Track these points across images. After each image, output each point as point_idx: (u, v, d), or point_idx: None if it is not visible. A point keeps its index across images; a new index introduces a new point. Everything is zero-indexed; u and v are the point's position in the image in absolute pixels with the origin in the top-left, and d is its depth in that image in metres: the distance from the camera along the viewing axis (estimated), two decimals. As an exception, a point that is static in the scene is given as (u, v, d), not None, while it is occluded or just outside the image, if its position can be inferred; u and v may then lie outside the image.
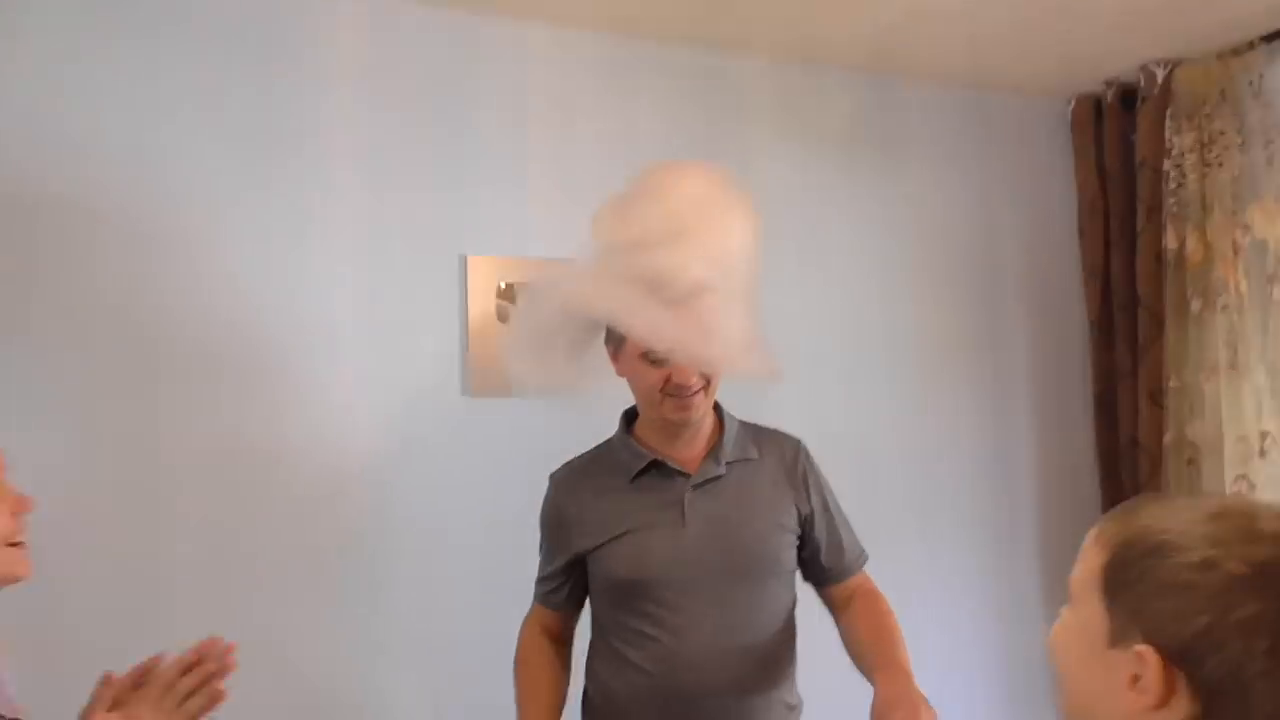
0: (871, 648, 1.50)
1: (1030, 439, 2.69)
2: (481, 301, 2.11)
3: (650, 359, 1.49)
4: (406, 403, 2.05)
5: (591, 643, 1.61)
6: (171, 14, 1.91)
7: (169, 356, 1.87)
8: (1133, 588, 0.76)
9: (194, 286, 1.90)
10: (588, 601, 1.63)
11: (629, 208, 1.52)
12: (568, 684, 1.62)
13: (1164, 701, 0.73)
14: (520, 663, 1.61)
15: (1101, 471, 2.70)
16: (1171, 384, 2.45)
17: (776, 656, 1.55)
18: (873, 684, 1.41)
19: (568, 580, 1.60)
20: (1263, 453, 2.27)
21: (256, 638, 1.82)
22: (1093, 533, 0.84)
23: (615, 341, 1.55)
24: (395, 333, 2.05)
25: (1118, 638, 0.77)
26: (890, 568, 2.40)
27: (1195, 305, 2.40)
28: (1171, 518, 0.77)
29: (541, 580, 1.64)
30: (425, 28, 2.12)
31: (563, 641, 1.64)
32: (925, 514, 2.53)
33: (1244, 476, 2.29)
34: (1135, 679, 0.74)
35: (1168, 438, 2.46)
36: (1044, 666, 2.61)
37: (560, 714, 1.57)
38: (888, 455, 2.49)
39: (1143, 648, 0.74)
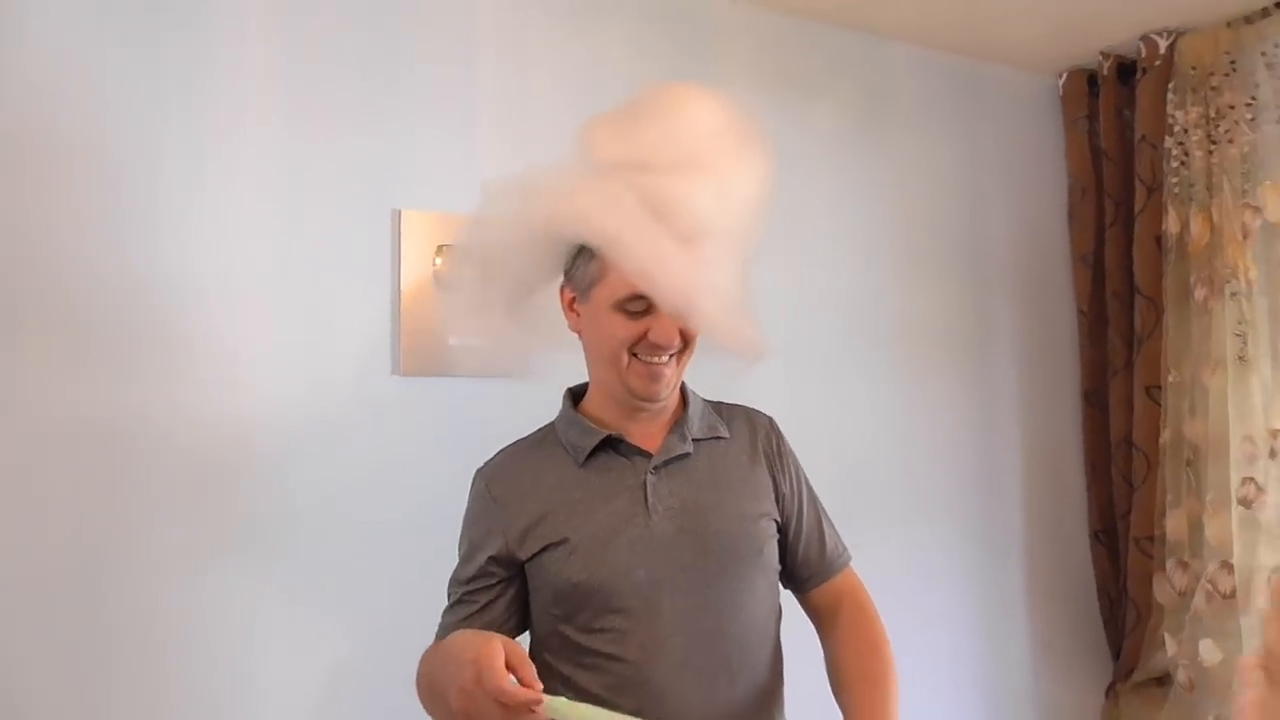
0: (854, 693, 1.28)
1: (1016, 433, 2.50)
2: (417, 264, 1.82)
3: (628, 308, 1.22)
4: (324, 378, 1.74)
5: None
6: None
7: (34, 311, 1.53)
8: None
9: (72, 235, 1.56)
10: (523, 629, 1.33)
11: (632, 124, 1.26)
12: None
13: None
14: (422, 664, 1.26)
15: (1089, 470, 2.51)
16: (1170, 378, 2.28)
17: (763, 669, 1.29)
18: None
19: (499, 597, 1.28)
20: (1273, 453, 2.10)
21: (127, 630, 1.54)
22: None
23: (582, 283, 1.26)
24: (314, 297, 1.74)
25: None
26: (871, 561, 2.18)
27: (1199, 293, 2.22)
28: None
29: (460, 602, 1.29)
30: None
31: None
32: (906, 508, 2.32)
33: (1251, 479, 2.12)
34: None
35: (1164, 436, 2.28)
36: (1026, 664, 2.46)
37: None
38: (868, 445, 2.27)
39: None
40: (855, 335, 2.27)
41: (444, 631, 1.28)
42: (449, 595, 1.31)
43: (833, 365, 2.24)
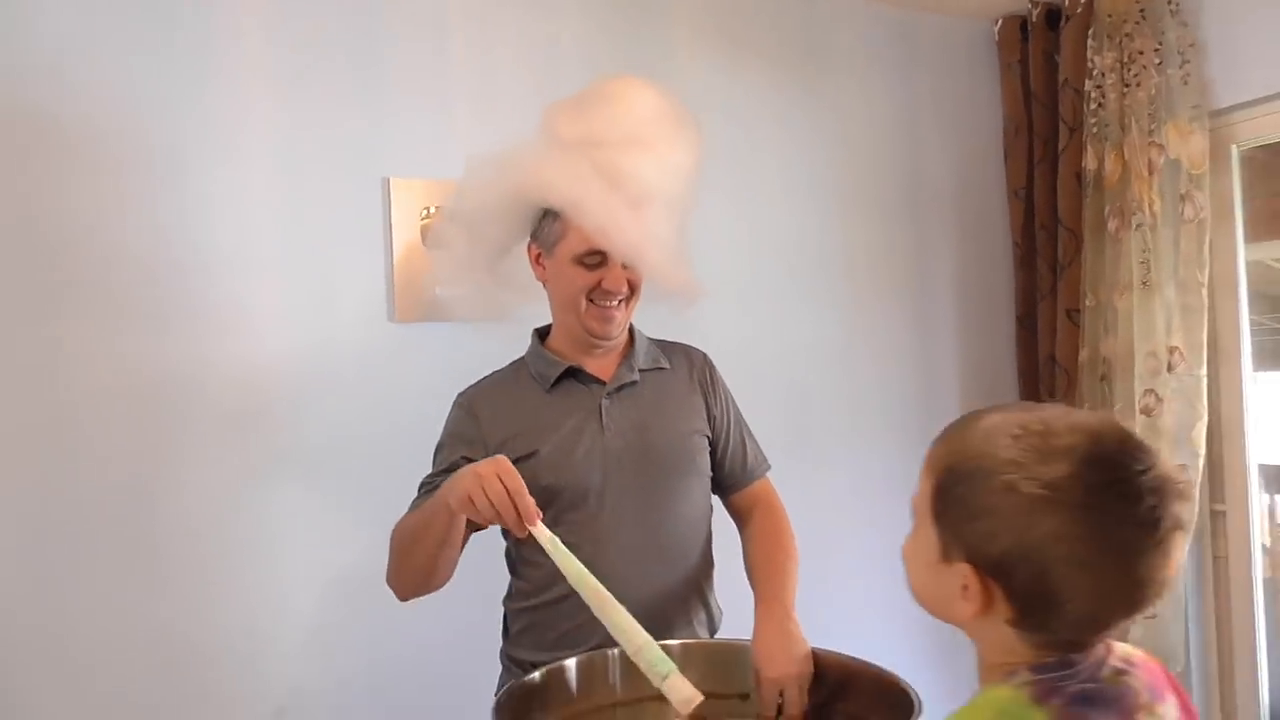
0: (759, 574, 1.55)
1: (954, 355, 2.77)
2: (406, 225, 2.08)
3: (585, 261, 1.49)
4: (331, 329, 2.03)
5: (509, 561, 1.61)
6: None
7: (73, 283, 1.82)
8: (952, 512, 0.85)
9: (98, 210, 1.84)
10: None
11: (589, 107, 1.51)
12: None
13: (986, 609, 0.84)
14: (392, 538, 1.47)
15: (1021, 386, 2.78)
16: (1087, 302, 2.52)
17: (695, 556, 1.58)
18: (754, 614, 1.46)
19: None
20: (1170, 367, 2.36)
21: (175, 549, 1.86)
22: (926, 454, 0.90)
23: (546, 241, 1.53)
24: (317, 258, 2.01)
25: (946, 554, 0.86)
26: (818, 473, 2.48)
27: (1112, 225, 2.45)
28: (983, 441, 0.84)
29: (435, 488, 1.42)
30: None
31: None
32: (850, 425, 2.60)
33: (1152, 390, 2.38)
34: (964, 588, 0.84)
35: (1082, 355, 2.54)
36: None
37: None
38: (816, 371, 2.54)
39: (963, 565, 0.84)
40: (801, 271, 2.53)
41: (410, 509, 1.49)
42: (420, 489, 1.52)
43: (780, 299, 2.50)
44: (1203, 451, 2.37)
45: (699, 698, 1.20)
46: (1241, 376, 2.48)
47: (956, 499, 0.84)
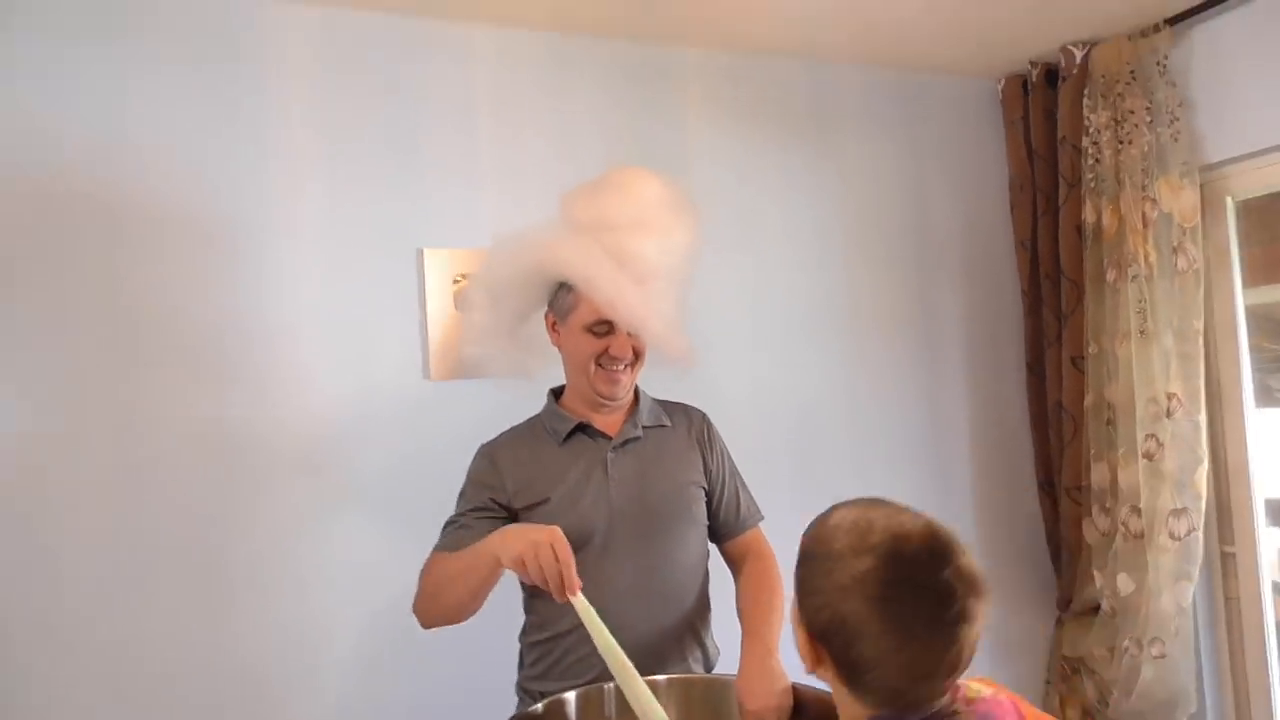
0: (746, 615, 1.68)
1: (964, 401, 2.87)
2: (439, 291, 2.29)
3: (594, 330, 1.68)
4: (372, 387, 2.23)
5: (525, 598, 1.77)
6: (138, 27, 2.06)
7: (148, 350, 2.04)
8: (799, 586, 1.04)
9: (169, 285, 2.06)
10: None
11: (600, 195, 1.71)
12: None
13: (816, 666, 1.03)
14: (439, 562, 1.61)
15: (1033, 431, 2.88)
16: (1091, 349, 2.62)
17: (691, 599, 1.73)
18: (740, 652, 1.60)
19: (492, 527, 1.67)
20: (1169, 413, 2.44)
21: (240, 576, 2.06)
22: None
23: (560, 310, 1.72)
24: (360, 323, 2.22)
25: (798, 619, 1.04)
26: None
27: (1110, 275, 2.56)
28: (826, 532, 1.03)
29: (460, 527, 1.65)
30: (374, 34, 2.27)
31: None
32: (864, 475, 2.71)
33: (1153, 435, 2.46)
34: (804, 648, 1.04)
35: (1088, 400, 2.63)
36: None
37: None
38: (824, 417, 2.67)
39: (801, 629, 1.03)
40: (810, 322, 2.67)
41: (442, 544, 1.65)
42: (444, 530, 1.68)
43: (790, 349, 2.64)
44: (1204, 494, 2.44)
45: None
46: (1244, 419, 2.55)
47: (802, 576, 1.04)
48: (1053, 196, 2.74)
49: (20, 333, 1.94)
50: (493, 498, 1.69)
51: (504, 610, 1.71)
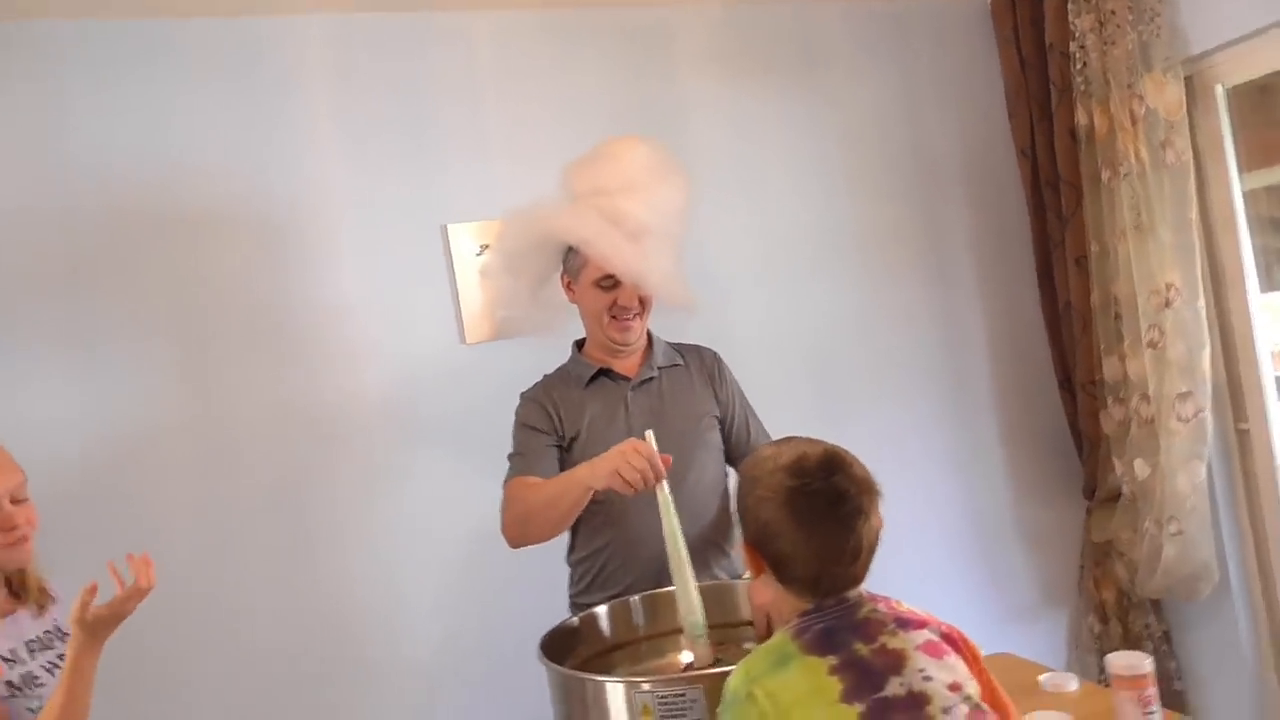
0: None
1: (978, 310, 2.99)
2: (465, 263, 2.50)
3: (602, 285, 1.89)
4: (415, 355, 2.47)
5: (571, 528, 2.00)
6: (177, 53, 2.30)
7: (216, 341, 2.32)
8: (737, 507, 1.29)
9: (228, 281, 2.33)
10: None
11: (594, 164, 1.93)
12: None
13: (759, 571, 1.26)
14: (526, 489, 1.84)
15: (1048, 332, 2.98)
16: (1093, 249, 2.71)
17: (710, 515, 1.94)
18: None
19: (555, 454, 1.92)
20: (1168, 303, 2.53)
21: (320, 534, 2.34)
22: None
23: (572, 271, 1.93)
24: (397, 298, 2.45)
25: (742, 536, 1.29)
26: (849, 430, 2.76)
27: (1105, 175, 2.63)
28: (752, 464, 1.28)
29: (529, 454, 1.89)
30: (384, 33, 2.47)
31: None
32: (878, 382, 2.86)
33: (1156, 325, 2.56)
34: (748, 557, 1.28)
35: (1094, 297, 2.73)
36: (1004, 506, 2.98)
37: None
38: (839, 342, 2.82)
39: (743, 544, 1.28)
40: (819, 255, 2.81)
41: (518, 470, 1.89)
42: (513, 460, 1.92)
43: (801, 280, 2.79)
44: (1209, 377, 2.54)
45: (713, 660, 1.58)
46: (1248, 301, 2.63)
47: (738, 501, 1.28)
48: (1046, 104, 2.81)
49: (103, 336, 2.23)
50: (549, 428, 1.93)
51: (559, 540, 1.96)
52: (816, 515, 1.18)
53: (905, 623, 1.17)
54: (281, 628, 2.32)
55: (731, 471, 2.03)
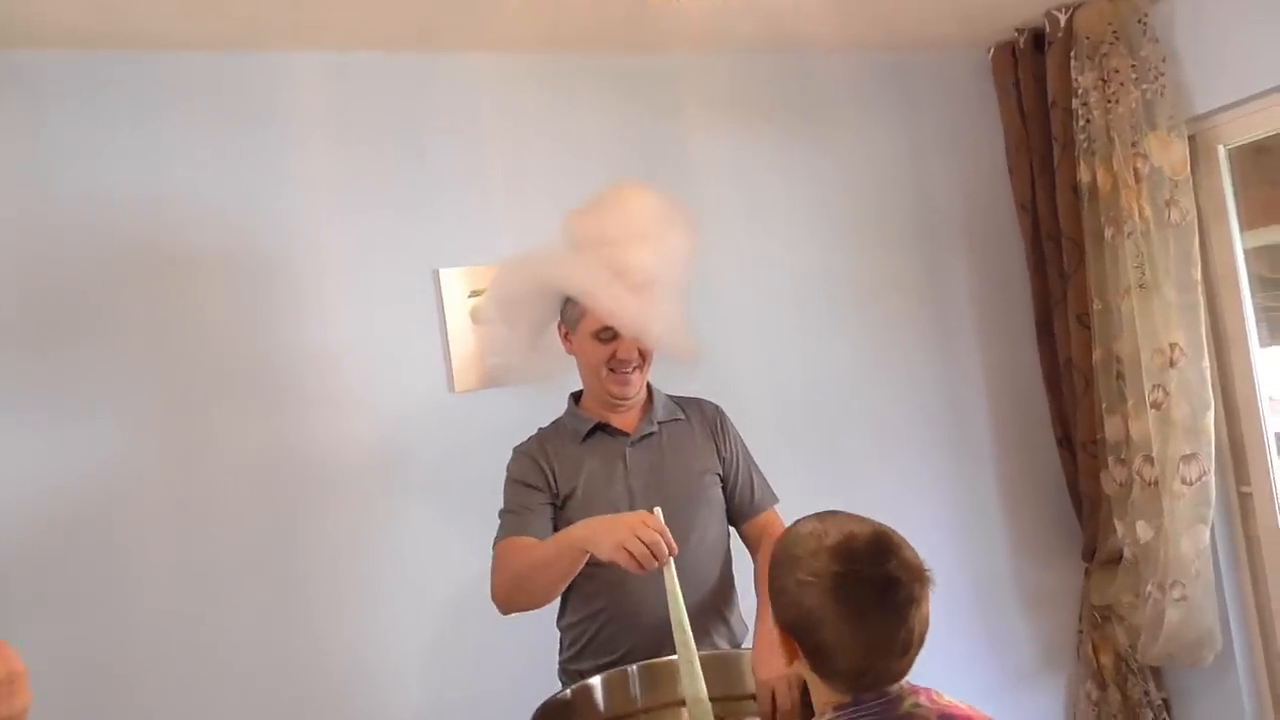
0: (760, 591, 1.79)
1: (978, 363, 2.94)
2: (456, 308, 2.42)
3: (601, 337, 1.80)
4: (402, 402, 2.38)
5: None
6: (169, 94, 2.23)
7: (200, 387, 2.22)
8: (772, 590, 1.20)
9: (214, 326, 2.23)
10: None
11: (598, 213, 1.85)
12: None
13: (793, 659, 1.17)
14: (517, 550, 1.74)
15: (1048, 389, 2.94)
16: (1095, 306, 2.68)
17: (712, 579, 1.85)
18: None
19: (546, 514, 1.82)
20: (1173, 362, 2.49)
21: (312, 571, 2.23)
22: None
23: (570, 321, 1.85)
24: (387, 344, 2.36)
25: (775, 619, 1.20)
26: (851, 487, 2.70)
27: (1108, 232, 2.60)
28: (791, 542, 1.19)
29: (521, 513, 1.79)
30: (380, 73, 2.39)
31: None
32: (883, 450, 2.79)
33: (1160, 385, 2.52)
34: (780, 644, 1.19)
35: (1096, 355, 2.69)
36: (1004, 567, 2.91)
37: None
38: (840, 392, 2.76)
39: (776, 627, 1.19)
40: (820, 306, 2.76)
41: (510, 530, 1.79)
42: (504, 518, 1.82)
43: (802, 335, 2.73)
44: (1213, 438, 2.49)
45: None
46: (1251, 360, 2.60)
47: (771, 580, 1.20)
48: (1048, 159, 2.79)
49: (75, 384, 2.12)
50: (542, 485, 1.83)
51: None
52: (866, 605, 1.09)
53: (949, 718, 1.09)
54: (264, 688, 2.20)
55: (733, 531, 1.95)
